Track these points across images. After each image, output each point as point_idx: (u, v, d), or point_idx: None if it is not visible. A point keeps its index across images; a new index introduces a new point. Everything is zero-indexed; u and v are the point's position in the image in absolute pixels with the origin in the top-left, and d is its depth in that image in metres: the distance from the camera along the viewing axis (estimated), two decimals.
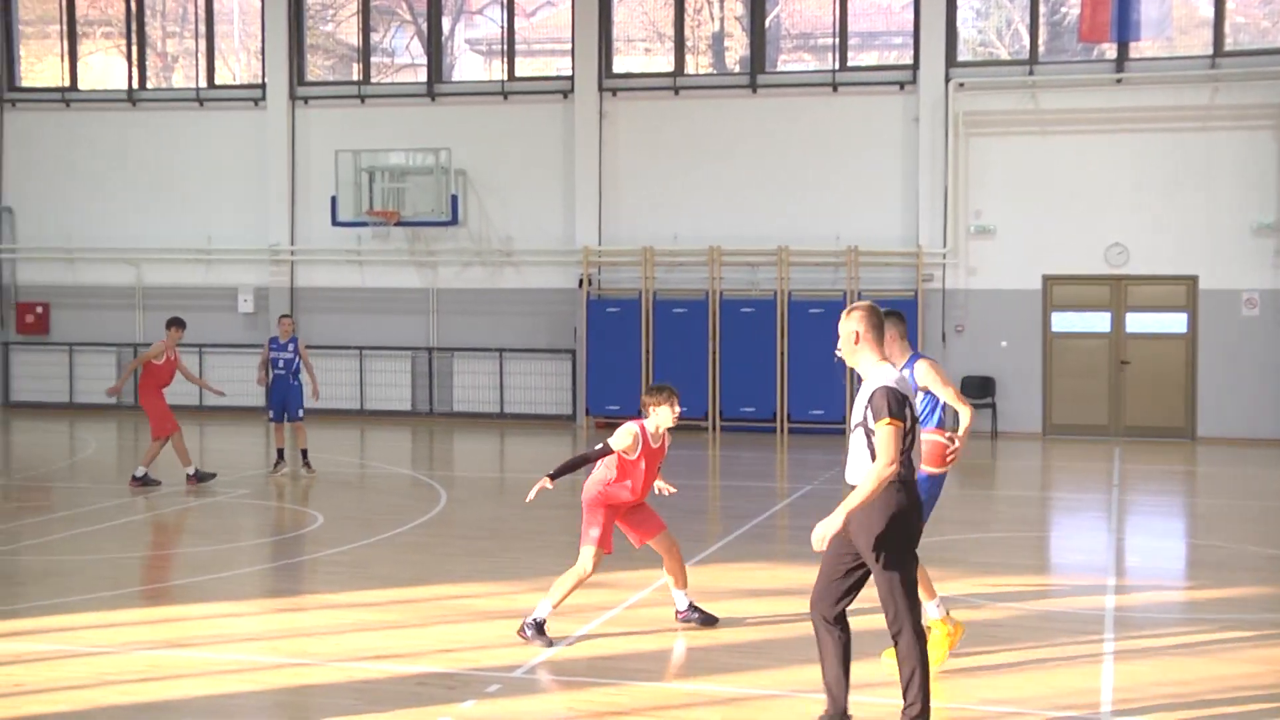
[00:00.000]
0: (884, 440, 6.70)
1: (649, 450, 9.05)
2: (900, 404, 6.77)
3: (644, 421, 9.09)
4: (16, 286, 26.10)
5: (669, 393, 9.02)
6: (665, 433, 9.12)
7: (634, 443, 8.96)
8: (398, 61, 26.62)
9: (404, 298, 24.71)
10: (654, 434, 9.06)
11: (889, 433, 6.69)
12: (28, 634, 9.38)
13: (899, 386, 6.86)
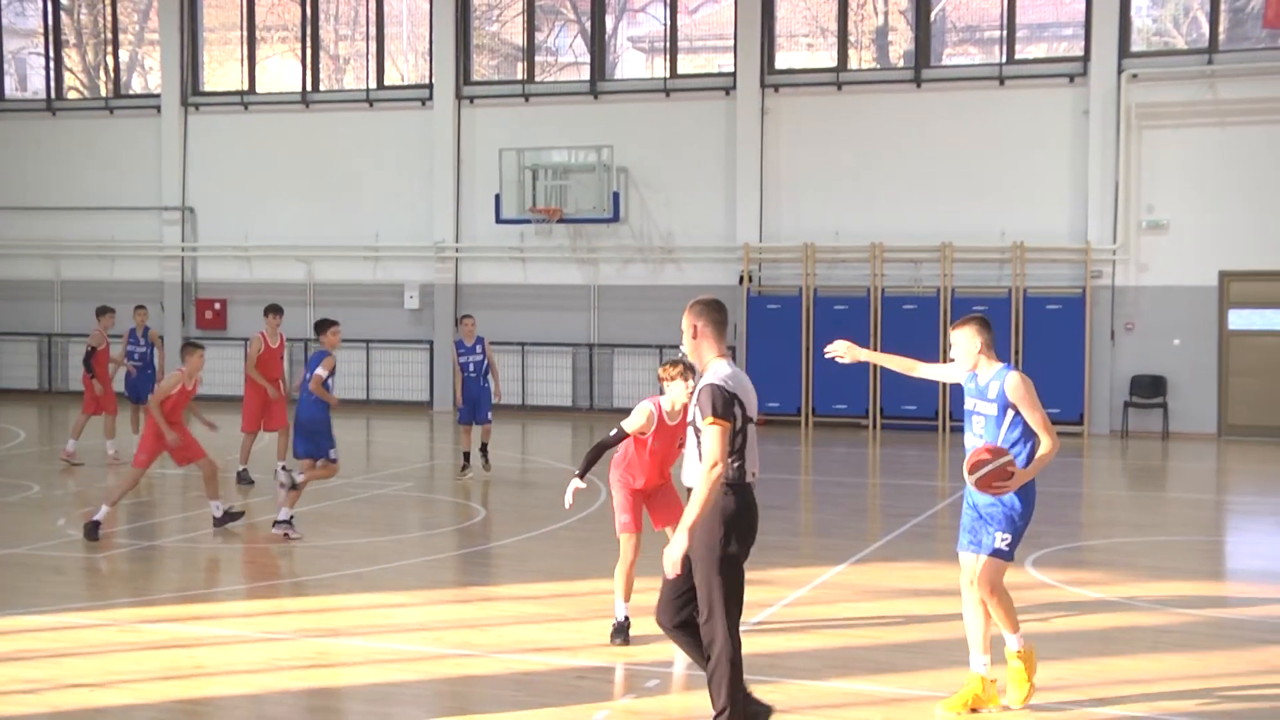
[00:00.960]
0: (709, 441, 6.38)
1: (664, 428, 8.80)
2: (728, 403, 6.45)
3: (659, 399, 8.86)
4: (197, 283, 27.05)
5: (684, 367, 8.67)
6: (684, 408, 8.72)
7: (648, 421, 8.76)
8: (561, 60, 26.90)
9: (566, 294, 24.97)
10: (670, 411, 8.78)
11: (714, 433, 6.37)
12: (209, 619, 9.73)
13: (728, 384, 6.51)
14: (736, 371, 6.69)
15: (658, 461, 8.91)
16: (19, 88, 29.26)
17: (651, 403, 8.84)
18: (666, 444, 8.88)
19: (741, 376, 6.69)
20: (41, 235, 27.60)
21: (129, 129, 27.36)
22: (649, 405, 8.82)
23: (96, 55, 28.97)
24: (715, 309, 6.81)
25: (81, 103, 28.37)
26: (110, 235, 27.29)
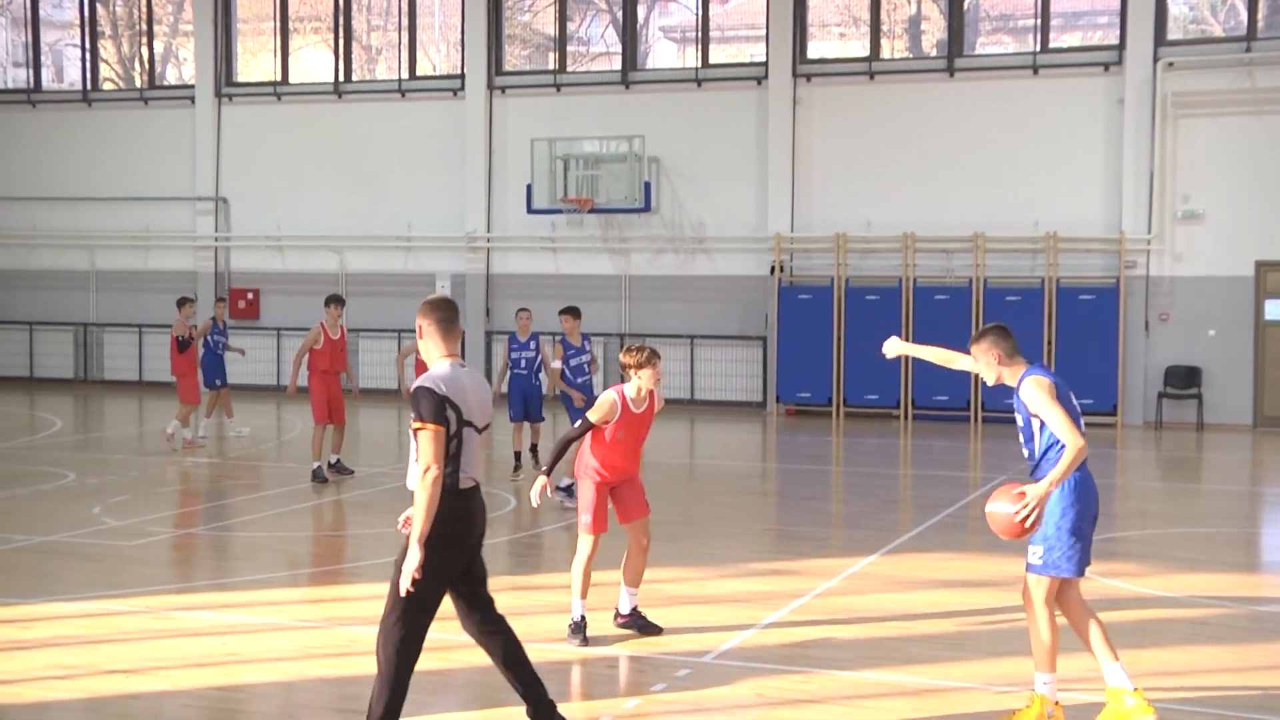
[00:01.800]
0: (421, 445, 6.22)
1: (629, 416, 8.61)
2: (438, 406, 6.22)
3: (624, 387, 8.63)
4: (230, 273, 27.18)
5: (649, 353, 8.54)
6: (649, 395, 8.63)
7: (610, 410, 8.54)
8: (593, 50, 26.89)
9: (597, 284, 24.97)
10: (635, 399, 8.61)
11: (422, 438, 6.19)
12: (242, 606, 9.79)
13: (439, 387, 6.28)
14: (458, 374, 6.42)
15: (623, 451, 8.72)
16: (55, 79, 29.46)
17: (615, 391, 8.63)
18: (633, 433, 8.70)
19: (463, 379, 6.41)
20: (77, 226, 27.79)
21: (163, 120, 27.50)
22: (612, 394, 8.61)
23: (131, 47, 29.13)
24: (441, 308, 6.56)
25: (117, 94, 28.53)
26: (144, 226, 27.46)
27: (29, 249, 28.08)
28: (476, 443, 6.45)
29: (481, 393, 6.52)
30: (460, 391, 6.35)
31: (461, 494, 6.38)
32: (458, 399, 6.32)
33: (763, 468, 18.43)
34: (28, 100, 28.36)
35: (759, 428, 22.08)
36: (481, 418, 6.47)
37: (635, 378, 8.61)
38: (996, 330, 7.10)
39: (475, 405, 6.42)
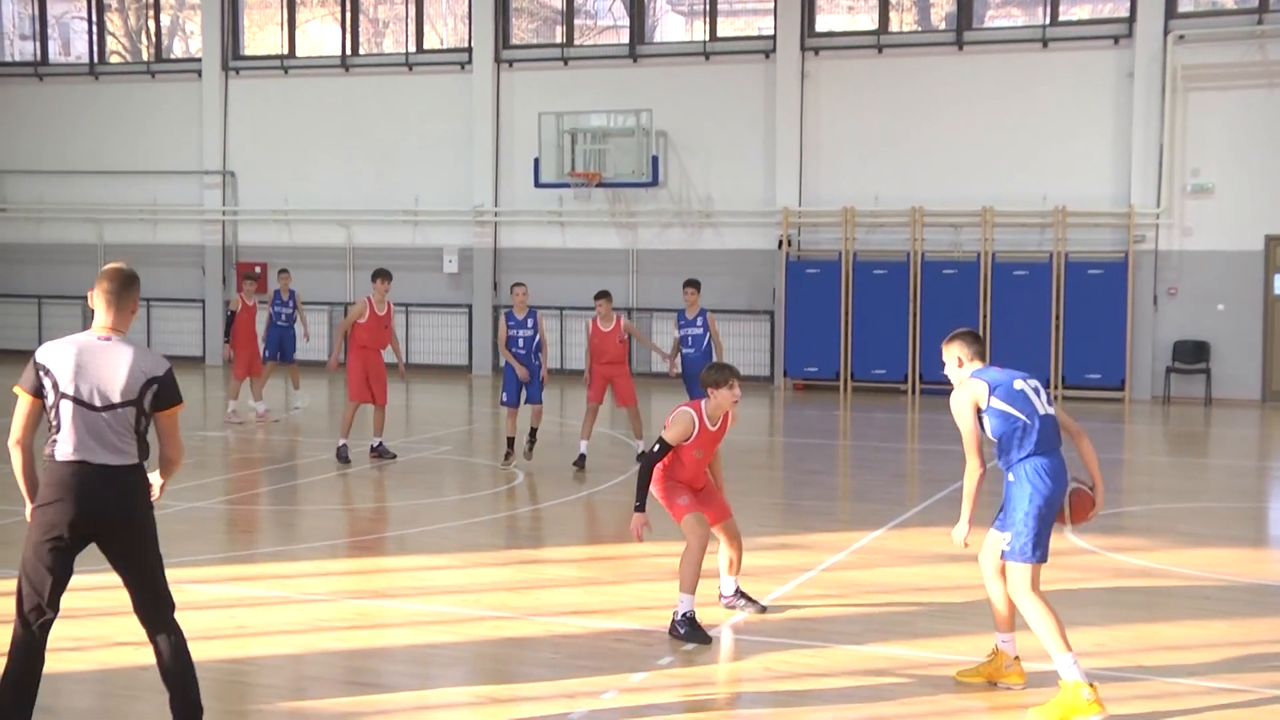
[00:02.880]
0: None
1: (705, 435, 8.47)
2: (30, 372, 6.05)
3: (702, 404, 8.49)
4: (238, 247, 27.19)
5: (729, 373, 8.44)
6: (725, 414, 8.51)
7: (687, 428, 8.38)
8: (600, 24, 26.81)
9: (604, 258, 24.95)
10: (711, 415, 8.46)
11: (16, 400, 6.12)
12: (251, 579, 9.83)
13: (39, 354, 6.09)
14: (77, 344, 6.09)
15: (700, 465, 8.60)
16: (62, 52, 29.42)
17: (692, 409, 8.48)
18: (708, 451, 8.59)
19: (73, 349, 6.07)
20: (85, 199, 27.80)
21: (170, 93, 27.47)
22: (690, 413, 8.45)
23: (138, 19, 29.07)
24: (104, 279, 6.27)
25: (123, 67, 28.49)
26: (152, 199, 27.46)
27: (37, 223, 28.10)
28: (73, 416, 6.05)
29: (91, 366, 6.05)
30: (58, 360, 6.05)
31: (56, 464, 6.08)
32: (55, 367, 6.05)
33: (770, 442, 18.44)
34: (35, 74, 28.34)
35: (766, 402, 22.08)
36: (81, 390, 6.03)
37: (714, 397, 8.43)
38: (959, 336, 7.45)
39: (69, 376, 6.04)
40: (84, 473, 6.07)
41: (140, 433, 6.18)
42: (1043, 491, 7.02)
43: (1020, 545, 7.00)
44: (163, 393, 6.16)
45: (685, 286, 15.63)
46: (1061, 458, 7.17)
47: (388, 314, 15.20)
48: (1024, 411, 7.09)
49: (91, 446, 6.07)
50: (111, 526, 6.13)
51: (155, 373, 6.15)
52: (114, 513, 6.12)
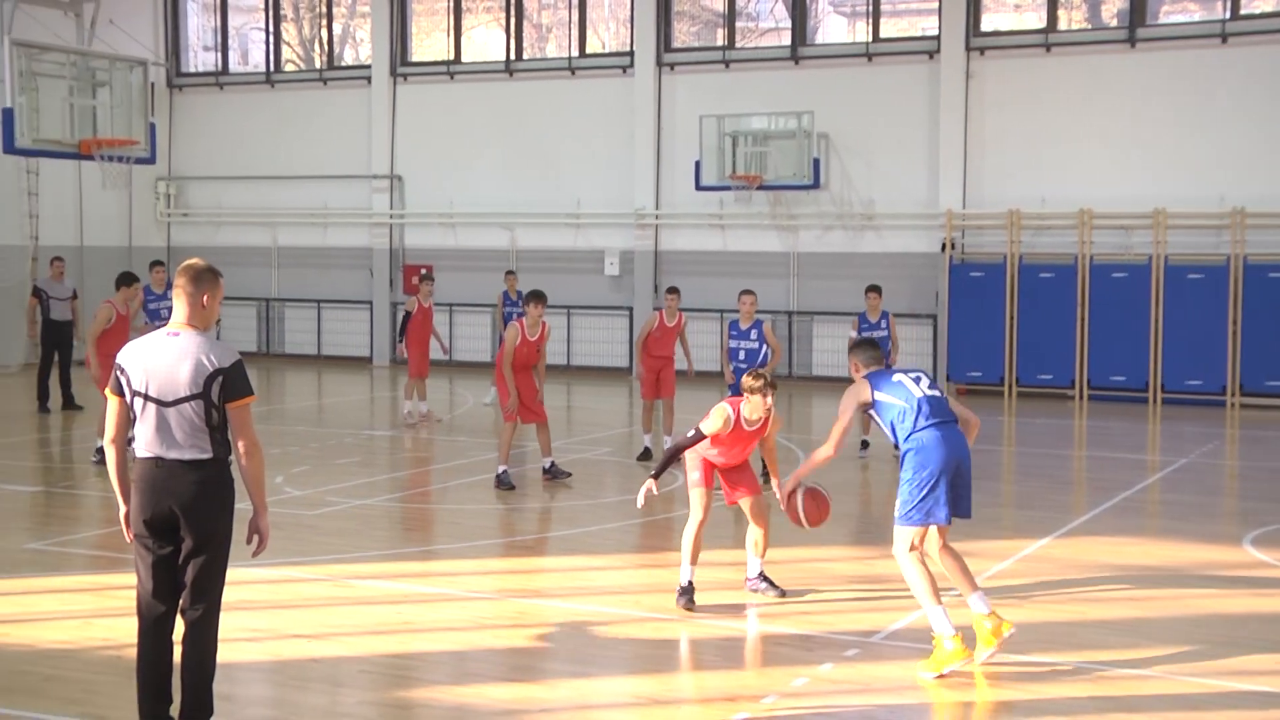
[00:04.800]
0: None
1: (740, 432, 8.98)
2: (115, 375, 6.24)
3: (739, 402, 8.95)
4: (404, 249, 27.77)
5: (764, 382, 8.85)
6: (765, 415, 8.94)
7: (724, 424, 8.88)
8: (762, 25, 26.73)
9: (765, 261, 24.87)
10: (749, 418, 8.92)
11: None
12: (417, 576, 10.03)
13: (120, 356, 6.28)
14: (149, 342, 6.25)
15: (730, 453, 9.12)
16: (241, 62, 30.39)
17: (730, 406, 8.96)
18: (743, 444, 9.09)
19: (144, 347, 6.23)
20: (260, 203, 28.66)
21: (341, 100, 28.18)
22: (727, 409, 8.93)
23: (312, 29, 29.91)
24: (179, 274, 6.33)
25: (297, 75, 29.32)
26: (323, 203, 28.20)
27: (215, 226, 29.07)
28: (150, 412, 6.19)
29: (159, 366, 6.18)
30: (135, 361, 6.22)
31: (137, 461, 6.25)
32: (131, 368, 6.22)
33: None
34: (216, 83, 29.32)
35: None
36: (154, 388, 6.17)
37: (749, 402, 8.90)
38: (865, 343, 8.36)
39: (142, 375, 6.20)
40: (159, 468, 6.19)
41: (214, 427, 6.19)
42: (925, 462, 7.77)
43: (902, 510, 7.83)
44: (230, 385, 6.18)
45: (868, 291, 16.19)
46: (951, 431, 7.91)
47: (541, 339, 13.87)
48: (901, 397, 7.89)
49: (165, 442, 6.18)
50: (184, 520, 6.20)
51: (222, 365, 6.19)
52: (186, 507, 6.18)
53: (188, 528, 6.19)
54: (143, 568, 6.27)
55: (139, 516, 6.21)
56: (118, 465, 6.33)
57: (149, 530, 6.20)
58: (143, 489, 6.19)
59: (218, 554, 6.29)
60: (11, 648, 8.01)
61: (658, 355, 15.54)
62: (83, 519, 12.12)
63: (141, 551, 6.26)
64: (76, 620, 8.60)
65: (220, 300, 6.38)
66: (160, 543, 6.22)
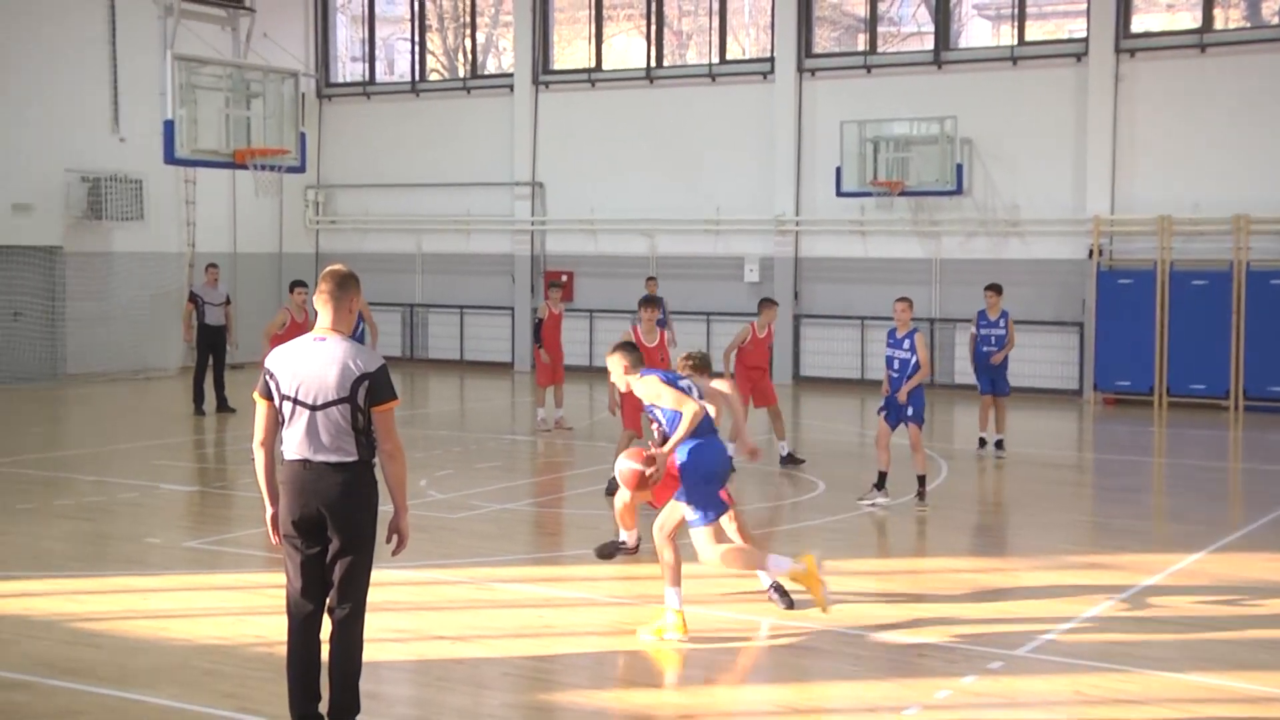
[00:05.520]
0: None
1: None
2: (263, 379, 6.42)
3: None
4: (545, 256, 28.04)
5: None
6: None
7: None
8: (904, 30, 26.46)
9: (906, 268, 24.60)
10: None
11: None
12: (557, 580, 10.13)
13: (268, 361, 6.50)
14: (296, 347, 6.42)
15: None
16: (388, 72, 30.99)
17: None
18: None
19: (292, 352, 6.40)
20: (405, 210, 29.19)
21: (484, 108, 28.57)
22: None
23: (456, 38, 30.37)
24: (323, 280, 6.49)
25: (442, 84, 29.80)
26: (466, 210, 28.61)
27: (362, 233, 29.68)
28: (299, 417, 6.33)
29: (304, 368, 6.35)
30: (281, 365, 6.40)
31: (285, 464, 6.41)
32: (279, 372, 6.39)
33: (1078, 457, 17.81)
34: (364, 93, 29.95)
35: (1074, 416, 21.32)
36: (302, 392, 6.32)
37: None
38: (627, 345, 8.98)
39: (289, 378, 6.36)
40: (306, 470, 6.32)
41: (359, 430, 6.32)
42: (697, 469, 8.50)
43: (693, 515, 8.56)
44: (375, 389, 6.31)
45: (987, 290, 17.00)
46: (714, 437, 8.68)
47: (658, 347, 13.83)
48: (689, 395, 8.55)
49: (312, 444, 6.31)
50: (331, 520, 6.33)
51: (368, 369, 6.32)
52: (332, 508, 6.31)
53: (334, 528, 6.33)
54: (291, 567, 6.42)
55: (287, 517, 6.37)
56: (265, 468, 6.50)
57: (297, 531, 6.35)
58: (291, 490, 6.34)
59: (363, 554, 6.42)
60: (172, 642, 8.27)
61: (752, 366, 15.43)
62: (235, 519, 12.47)
63: (290, 552, 6.41)
64: (231, 617, 8.85)
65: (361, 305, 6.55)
66: (308, 543, 6.36)
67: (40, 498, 13.07)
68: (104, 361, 24.84)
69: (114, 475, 14.35)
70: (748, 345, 15.38)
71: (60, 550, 10.85)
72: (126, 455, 15.88)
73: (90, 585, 9.74)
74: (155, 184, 25.26)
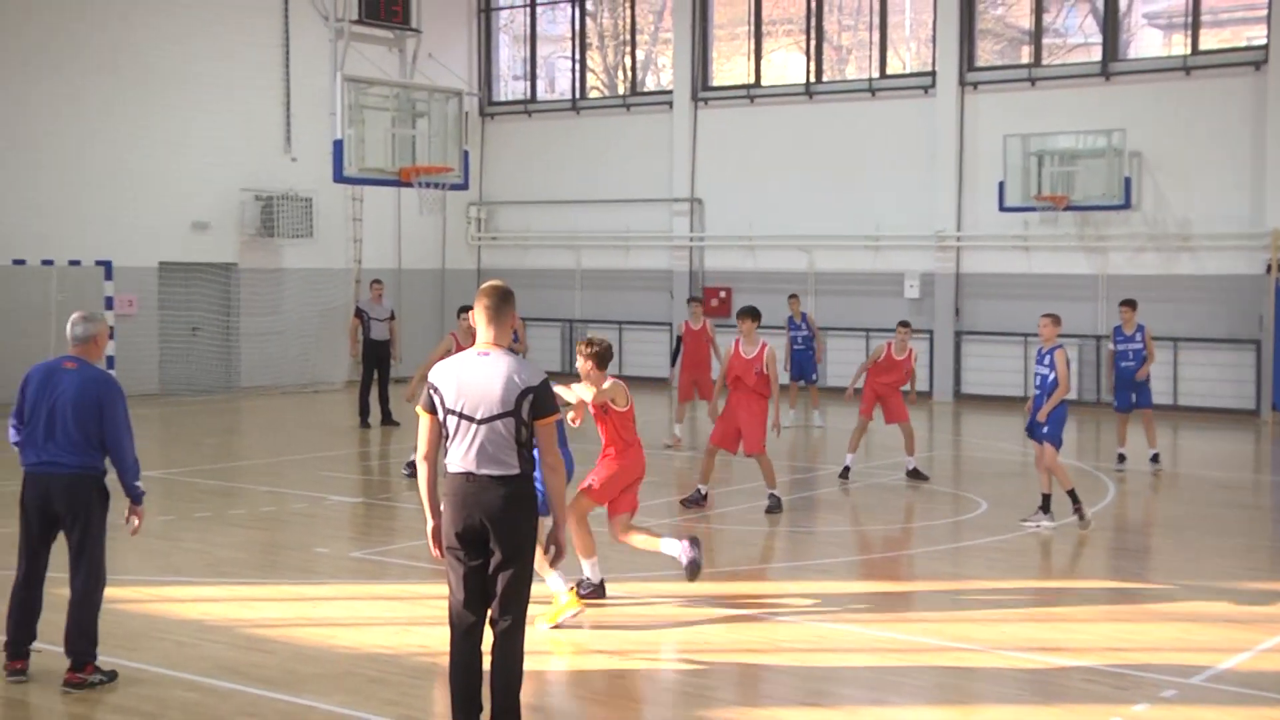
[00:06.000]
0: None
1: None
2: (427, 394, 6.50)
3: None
4: (704, 272, 28.09)
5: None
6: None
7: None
8: (1070, 42, 25.90)
9: (1071, 284, 24.05)
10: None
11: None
12: (713, 596, 10.09)
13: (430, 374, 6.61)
14: (460, 362, 6.51)
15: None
16: (548, 90, 31.40)
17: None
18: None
19: (456, 366, 6.49)
20: (565, 227, 29.51)
21: (643, 125, 28.75)
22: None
23: (616, 56, 30.65)
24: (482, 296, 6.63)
25: (601, 101, 30.09)
26: (625, 226, 28.82)
27: (522, 250, 30.08)
28: (463, 430, 6.41)
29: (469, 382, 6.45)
30: (445, 379, 6.50)
31: (449, 476, 6.51)
32: (444, 387, 6.49)
33: (1255, 479, 17.19)
34: (524, 111, 30.39)
35: (1251, 437, 20.59)
36: (467, 406, 6.42)
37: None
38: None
39: (453, 393, 6.46)
40: (470, 483, 6.40)
41: (522, 443, 6.39)
42: None
43: None
44: (539, 403, 6.39)
45: (1122, 305, 16.99)
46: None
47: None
48: None
49: (476, 457, 6.38)
50: (493, 532, 6.38)
51: (531, 383, 6.40)
52: (495, 520, 6.37)
53: (497, 540, 6.40)
54: (454, 579, 6.51)
55: (450, 529, 6.46)
56: (428, 481, 6.59)
57: (460, 543, 6.44)
58: (454, 503, 6.44)
59: (525, 566, 6.49)
60: (340, 649, 8.48)
61: (885, 382, 15.84)
62: (399, 530, 12.72)
63: (453, 564, 6.49)
64: (395, 627, 9.02)
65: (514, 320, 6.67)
66: (471, 555, 6.44)
67: (215, 507, 13.50)
68: (274, 375, 25.60)
69: (284, 486, 14.76)
70: (883, 363, 15.83)
71: (234, 558, 11.19)
72: (296, 466, 16.33)
73: (262, 592, 10.04)
74: (324, 202, 25.96)
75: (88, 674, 7.64)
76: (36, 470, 7.70)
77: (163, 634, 8.63)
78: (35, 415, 7.67)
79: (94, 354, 7.85)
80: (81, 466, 7.64)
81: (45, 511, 7.70)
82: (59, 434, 7.61)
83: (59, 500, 7.64)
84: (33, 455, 7.70)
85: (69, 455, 7.61)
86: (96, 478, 7.72)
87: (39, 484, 7.68)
